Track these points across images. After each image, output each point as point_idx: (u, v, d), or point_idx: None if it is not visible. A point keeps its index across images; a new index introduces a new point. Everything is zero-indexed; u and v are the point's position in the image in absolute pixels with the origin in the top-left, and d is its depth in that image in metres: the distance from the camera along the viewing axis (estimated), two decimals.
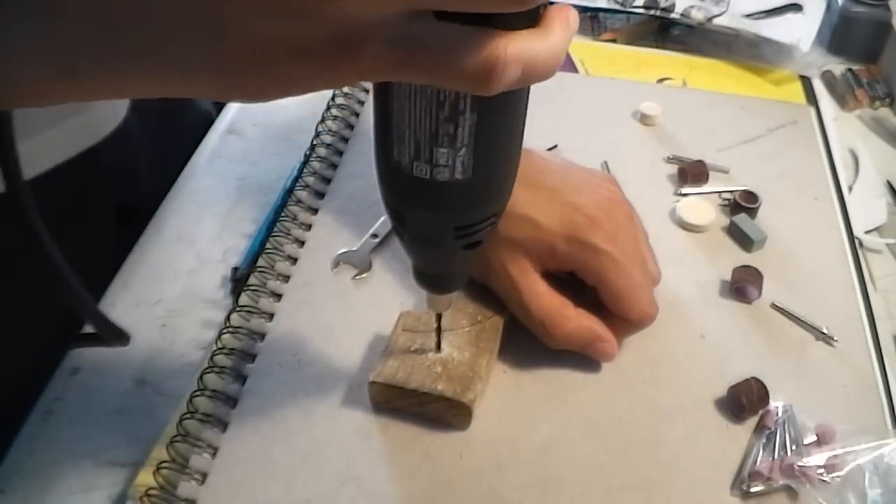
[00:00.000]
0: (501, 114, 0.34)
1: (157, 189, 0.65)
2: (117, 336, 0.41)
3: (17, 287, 0.48)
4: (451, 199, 0.36)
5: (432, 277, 0.43)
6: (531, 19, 0.28)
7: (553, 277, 0.51)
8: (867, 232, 0.64)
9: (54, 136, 0.51)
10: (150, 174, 0.67)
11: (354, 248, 0.58)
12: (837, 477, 0.45)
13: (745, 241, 0.61)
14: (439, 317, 0.47)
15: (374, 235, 0.59)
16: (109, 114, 0.56)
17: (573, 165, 0.55)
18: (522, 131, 0.37)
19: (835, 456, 0.46)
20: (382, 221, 0.60)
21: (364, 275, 0.57)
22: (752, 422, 0.49)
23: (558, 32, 0.28)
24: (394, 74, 0.27)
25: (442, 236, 0.38)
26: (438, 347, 0.48)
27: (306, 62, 0.26)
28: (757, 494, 0.45)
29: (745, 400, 0.49)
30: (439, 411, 0.47)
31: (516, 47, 0.27)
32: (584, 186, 0.52)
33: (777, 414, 0.49)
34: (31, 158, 0.37)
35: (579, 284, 0.51)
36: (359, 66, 0.26)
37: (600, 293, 0.50)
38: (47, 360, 0.52)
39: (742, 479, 0.46)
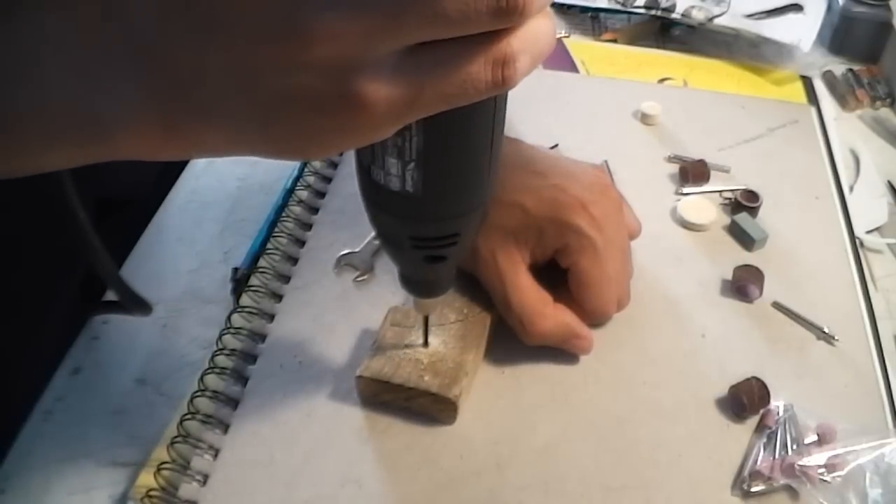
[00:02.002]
0: (452, 135, 0.33)
1: (135, 181, 0.65)
2: (140, 305, 0.44)
3: (46, 255, 0.49)
4: (404, 209, 0.36)
5: (413, 282, 0.43)
6: None
7: (538, 269, 0.51)
8: (868, 232, 0.64)
9: None
10: (129, 164, 0.66)
11: (356, 250, 0.58)
12: (838, 477, 0.45)
13: (746, 240, 0.61)
14: (426, 319, 0.47)
15: (377, 237, 0.59)
16: None
17: (564, 156, 0.55)
18: (487, 154, 0.35)
19: (835, 455, 0.46)
20: None
21: (365, 276, 0.57)
22: (753, 421, 0.49)
23: (541, 5, 0.29)
24: (411, 112, 0.28)
25: (400, 243, 0.39)
26: (426, 343, 0.48)
27: (323, 112, 0.27)
28: (758, 494, 0.45)
29: (745, 399, 0.48)
30: (425, 406, 0.47)
31: (518, 40, 0.27)
32: (574, 172, 0.52)
33: (778, 413, 0.48)
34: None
35: (563, 275, 0.51)
36: (372, 112, 0.27)
37: (569, 275, 0.51)
38: (73, 327, 0.53)
39: (743, 479, 0.46)
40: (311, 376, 0.50)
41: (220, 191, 0.65)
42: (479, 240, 0.50)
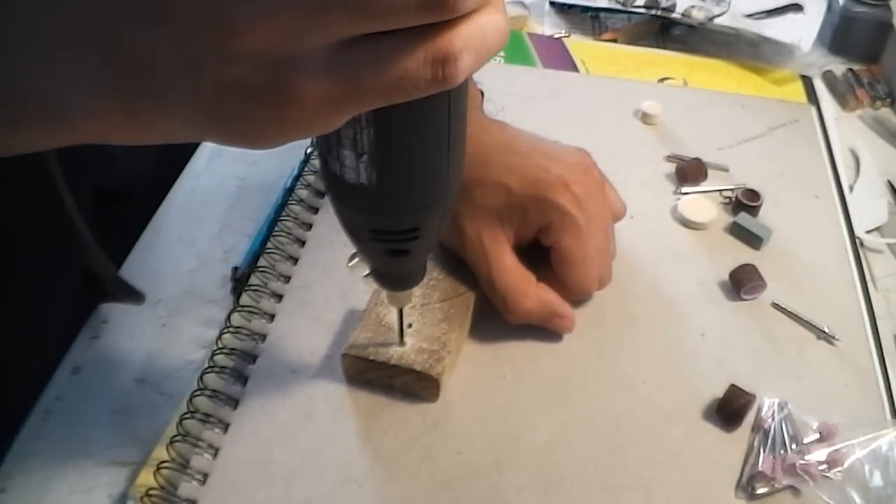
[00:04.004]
0: (403, 129, 0.33)
1: (133, 173, 0.65)
2: (130, 294, 0.45)
3: (45, 255, 0.49)
4: (361, 201, 0.36)
5: (382, 276, 0.43)
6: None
7: (522, 249, 0.52)
8: (868, 231, 0.64)
9: None
10: (126, 156, 0.67)
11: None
12: (839, 472, 0.45)
13: (751, 238, 0.61)
14: (400, 312, 0.47)
15: None
16: None
17: (548, 139, 0.55)
18: (443, 148, 0.35)
19: (836, 451, 0.46)
20: None
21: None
22: (750, 420, 0.49)
23: (493, 2, 0.28)
24: (347, 106, 0.28)
25: (360, 235, 0.38)
26: (401, 341, 0.49)
27: (260, 103, 0.27)
28: (762, 496, 0.45)
29: (729, 410, 0.48)
30: (409, 384, 0.48)
31: (461, 37, 0.27)
32: (558, 153, 0.53)
33: (771, 410, 0.48)
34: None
35: (546, 254, 0.52)
36: (306, 104, 0.27)
37: (551, 253, 0.51)
38: (73, 326, 0.53)
39: (746, 481, 0.46)
40: (311, 376, 0.50)
41: (220, 190, 0.65)
42: (464, 220, 0.51)
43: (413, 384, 0.48)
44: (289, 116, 0.28)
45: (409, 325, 0.50)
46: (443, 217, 0.39)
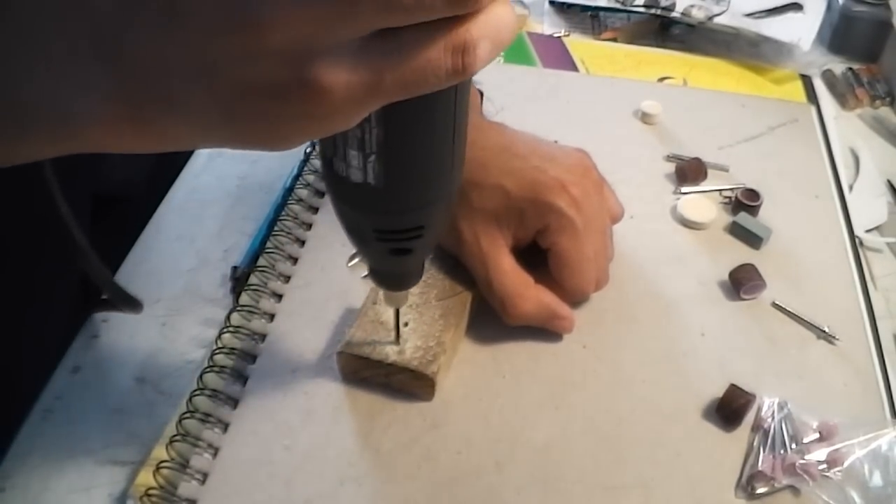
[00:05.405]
0: (412, 126, 0.33)
1: (131, 177, 0.65)
2: (129, 302, 0.45)
3: (41, 255, 0.50)
4: (367, 201, 0.36)
5: (381, 275, 0.44)
6: None
7: (520, 251, 0.52)
8: (868, 231, 0.64)
9: None
10: (123, 161, 0.67)
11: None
12: (839, 472, 0.45)
13: (751, 238, 0.61)
14: (397, 311, 0.47)
15: None
16: None
17: (547, 140, 0.55)
18: (449, 145, 0.35)
19: (836, 451, 0.46)
20: None
21: None
22: (750, 419, 0.49)
23: None
24: (372, 99, 0.28)
25: (363, 235, 0.38)
26: (397, 340, 0.49)
27: (283, 100, 0.27)
28: (762, 496, 0.45)
29: (729, 410, 0.48)
30: (404, 382, 0.48)
31: (478, 27, 0.27)
32: (556, 154, 0.53)
33: (771, 409, 0.49)
34: None
35: (544, 255, 0.52)
36: (332, 98, 0.27)
37: (549, 255, 0.51)
38: (73, 325, 0.53)
39: (746, 481, 0.46)
40: (311, 375, 0.50)
41: (220, 189, 0.65)
42: (462, 223, 0.51)
43: (408, 382, 0.48)
44: (312, 112, 0.27)
45: (406, 324, 0.50)
46: (446, 214, 0.39)
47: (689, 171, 0.66)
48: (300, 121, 0.28)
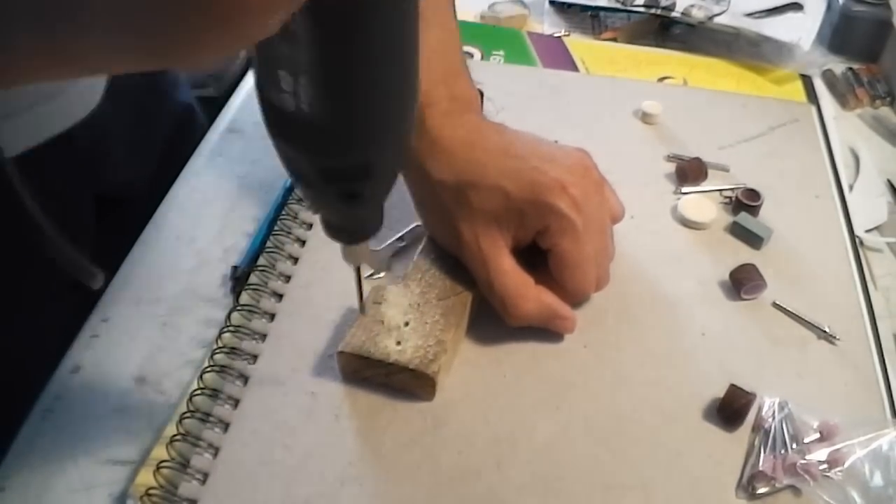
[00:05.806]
0: (347, 42, 0.29)
1: (133, 178, 0.65)
2: (88, 274, 0.42)
3: (30, 258, 0.49)
4: (305, 134, 0.32)
5: (334, 227, 0.40)
6: None
7: (520, 251, 0.52)
8: (868, 231, 0.64)
9: (28, 120, 0.51)
10: (126, 163, 0.66)
11: (377, 248, 0.58)
12: (839, 472, 0.45)
13: (752, 238, 0.61)
14: (358, 271, 0.45)
15: (401, 239, 0.59)
16: (82, 99, 0.56)
17: (547, 140, 0.55)
18: (396, 69, 0.31)
19: (836, 451, 0.46)
20: (411, 228, 0.59)
21: (380, 275, 0.57)
22: (751, 420, 0.49)
23: None
24: None
25: (306, 178, 0.35)
26: (362, 309, 0.48)
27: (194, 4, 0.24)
28: (762, 496, 0.45)
29: (729, 410, 0.48)
30: (404, 382, 0.48)
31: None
32: (556, 154, 0.53)
33: (772, 409, 0.49)
34: (4, 141, 0.37)
35: (544, 255, 0.52)
36: None
37: (549, 256, 0.51)
38: (73, 325, 0.53)
39: (747, 481, 0.46)
40: (311, 375, 0.50)
41: (220, 189, 0.65)
42: (462, 224, 0.51)
43: (409, 382, 0.48)
44: (222, 13, 0.25)
45: (406, 324, 0.50)
46: (399, 151, 0.35)
47: (689, 171, 0.66)
48: (212, 23, 0.25)
